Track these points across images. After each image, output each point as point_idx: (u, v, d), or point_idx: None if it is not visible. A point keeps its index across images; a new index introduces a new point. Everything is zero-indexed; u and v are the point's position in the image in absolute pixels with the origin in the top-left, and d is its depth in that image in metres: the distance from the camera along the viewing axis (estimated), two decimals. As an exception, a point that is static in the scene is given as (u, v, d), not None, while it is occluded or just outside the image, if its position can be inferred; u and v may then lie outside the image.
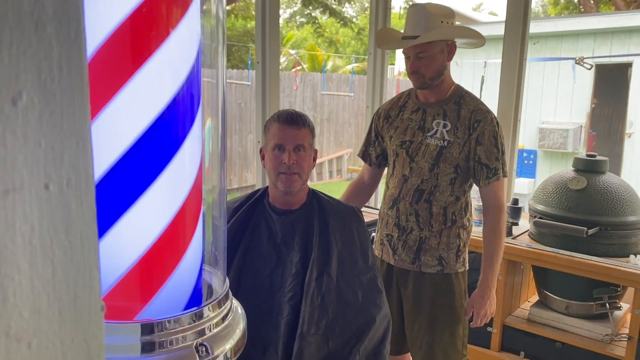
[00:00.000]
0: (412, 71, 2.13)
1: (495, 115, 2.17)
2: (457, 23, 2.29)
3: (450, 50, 2.15)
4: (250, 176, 10.05)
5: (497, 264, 2.16)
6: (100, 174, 0.63)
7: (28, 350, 0.30)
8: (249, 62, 10.41)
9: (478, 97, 2.23)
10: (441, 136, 2.14)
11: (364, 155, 2.48)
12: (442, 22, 2.11)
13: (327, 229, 1.80)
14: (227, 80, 9.62)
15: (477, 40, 2.22)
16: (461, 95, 2.18)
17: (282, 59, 15.38)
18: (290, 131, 1.74)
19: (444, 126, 2.14)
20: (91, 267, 0.33)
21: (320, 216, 1.82)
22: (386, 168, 2.41)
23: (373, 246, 2.13)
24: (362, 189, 2.52)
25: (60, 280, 0.31)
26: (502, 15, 3.42)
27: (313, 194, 1.90)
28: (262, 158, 1.86)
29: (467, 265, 2.29)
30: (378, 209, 2.56)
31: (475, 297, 2.18)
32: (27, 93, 0.28)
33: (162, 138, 0.64)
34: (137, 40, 0.61)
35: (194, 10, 0.65)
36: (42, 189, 0.30)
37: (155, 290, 0.70)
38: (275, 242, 1.78)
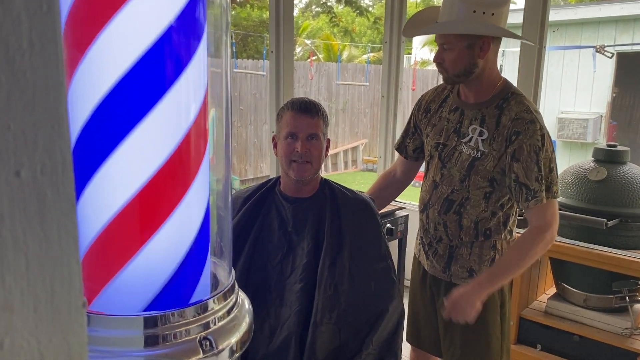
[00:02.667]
0: (436, 62, 1.89)
1: (543, 125, 1.84)
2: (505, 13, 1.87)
3: (483, 46, 1.81)
4: (265, 166, 10.05)
5: (502, 278, 1.88)
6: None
7: (0, 350, 0.28)
8: (264, 52, 10.39)
9: (529, 103, 1.88)
10: (475, 145, 1.88)
11: (400, 146, 2.26)
12: (474, 11, 1.77)
13: (339, 217, 1.78)
14: (242, 71, 9.63)
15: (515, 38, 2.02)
16: (506, 98, 1.87)
17: (298, 49, 15.33)
18: (304, 120, 1.72)
19: (480, 134, 1.88)
20: (70, 261, 0.31)
21: (332, 205, 1.80)
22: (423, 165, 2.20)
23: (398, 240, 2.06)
24: (392, 183, 2.33)
25: (35, 275, 0.29)
26: (521, 3, 3.35)
27: (325, 182, 1.88)
28: (275, 146, 1.84)
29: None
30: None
31: (458, 293, 1.85)
32: (-7, 71, 0.26)
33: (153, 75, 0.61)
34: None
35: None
36: (12, 176, 0.27)
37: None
38: (286, 229, 1.77)
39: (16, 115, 0.27)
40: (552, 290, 3.08)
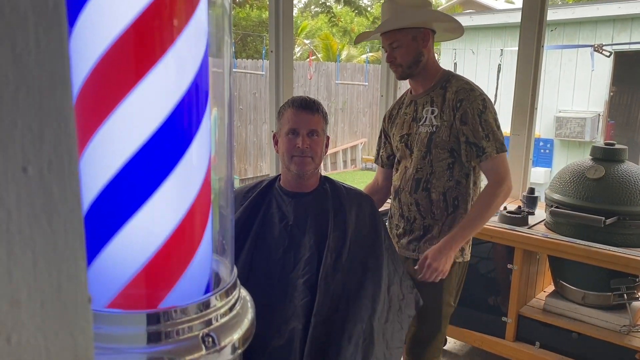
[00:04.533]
0: (389, 62, 2.16)
1: (483, 92, 2.12)
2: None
3: (424, 37, 2.12)
4: (265, 166, 10.05)
5: (471, 230, 2.06)
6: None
7: (7, 345, 0.28)
8: (264, 52, 10.39)
9: (467, 80, 2.20)
10: (430, 122, 2.14)
11: (376, 158, 2.52)
12: (419, 8, 2.14)
13: (343, 211, 1.81)
14: (242, 70, 9.63)
15: (453, 25, 2.22)
16: (447, 79, 2.16)
17: (297, 49, 15.32)
18: (304, 116, 1.78)
19: (432, 112, 2.15)
20: (76, 257, 0.31)
21: (334, 199, 1.84)
22: None
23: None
24: (377, 191, 2.50)
25: (42, 270, 0.29)
26: (519, 2, 3.35)
27: (325, 179, 1.92)
28: (276, 143, 1.90)
29: (467, 256, 2.24)
30: None
31: (433, 250, 2.03)
32: (0, 68, 0.26)
33: (171, 139, 0.62)
34: (145, 41, 0.59)
35: (203, 6, 0.64)
36: (19, 172, 0.28)
37: (167, 290, 0.69)
38: (287, 223, 1.79)
39: (23, 112, 0.27)
40: (551, 288, 3.09)
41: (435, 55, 2.32)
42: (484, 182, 2.19)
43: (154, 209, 0.63)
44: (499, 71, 7.72)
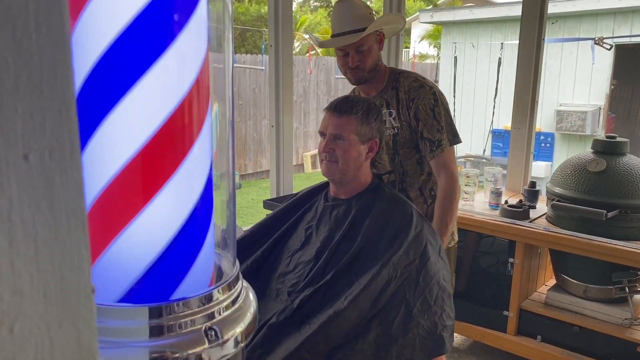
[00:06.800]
0: (355, 66, 2.08)
1: (433, 86, 2.12)
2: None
3: (380, 39, 2.14)
4: (265, 161, 10.04)
5: (450, 229, 2.05)
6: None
7: (10, 335, 0.27)
8: (263, 46, 10.36)
9: (415, 74, 2.20)
10: (390, 124, 2.13)
11: None
12: (370, 13, 2.12)
13: (357, 229, 1.65)
14: (241, 65, 9.61)
15: (400, 23, 2.27)
16: (396, 79, 2.15)
17: (296, 44, 15.29)
18: (331, 119, 1.73)
19: (390, 114, 2.13)
20: (79, 246, 0.30)
21: (359, 214, 1.68)
22: None
23: None
24: None
25: (44, 259, 0.29)
26: (520, -5, 3.34)
27: (374, 189, 1.76)
28: None
29: (456, 237, 2.27)
30: None
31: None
32: (0, 53, 0.25)
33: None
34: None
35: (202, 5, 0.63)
36: (20, 159, 0.27)
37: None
38: (310, 225, 1.76)
39: (24, 99, 0.27)
40: (552, 281, 3.08)
41: (435, 49, 2.39)
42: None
43: (161, 205, 0.63)
44: (499, 65, 7.70)
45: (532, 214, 2.97)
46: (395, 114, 2.12)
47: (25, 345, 0.28)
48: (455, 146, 2.13)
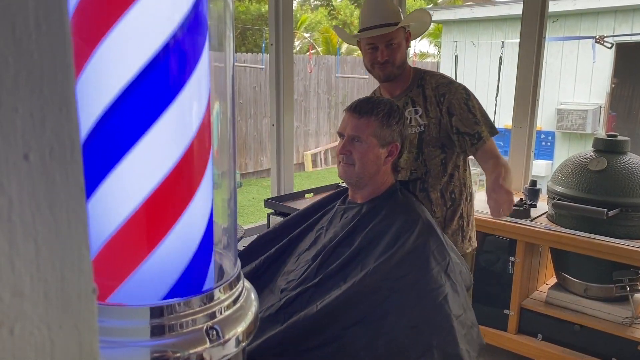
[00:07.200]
0: (384, 61, 2.07)
1: (461, 83, 2.14)
2: None
3: (407, 37, 2.16)
4: (266, 160, 10.03)
5: (510, 182, 1.92)
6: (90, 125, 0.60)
7: (10, 336, 0.27)
8: (263, 45, 10.35)
9: (441, 73, 2.23)
10: (416, 123, 2.12)
11: None
12: (400, 10, 2.16)
13: (358, 234, 1.59)
14: (242, 64, 9.60)
15: (428, 18, 2.28)
16: (421, 77, 2.16)
17: (297, 42, 15.27)
18: (350, 120, 1.67)
19: (416, 112, 2.12)
20: (80, 246, 0.30)
21: (364, 219, 1.63)
22: None
23: None
24: None
25: (44, 260, 0.28)
26: (521, -7, 3.34)
27: (390, 194, 1.69)
28: None
29: (474, 243, 2.26)
30: None
31: (492, 186, 1.90)
32: (0, 52, 0.25)
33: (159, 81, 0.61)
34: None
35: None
36: (20, 159, 0.27)
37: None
38: (322, 226, 1.73)
39: (24, 98, 0.27)
40: (553, 280, 3.08)
41: (436, 48, 2.42)
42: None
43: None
44: (500, 63, 7.69)
45: (533, 212, 2.97)
46: (422, 111, 2.11)
47: (26, 347, 0.28)
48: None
